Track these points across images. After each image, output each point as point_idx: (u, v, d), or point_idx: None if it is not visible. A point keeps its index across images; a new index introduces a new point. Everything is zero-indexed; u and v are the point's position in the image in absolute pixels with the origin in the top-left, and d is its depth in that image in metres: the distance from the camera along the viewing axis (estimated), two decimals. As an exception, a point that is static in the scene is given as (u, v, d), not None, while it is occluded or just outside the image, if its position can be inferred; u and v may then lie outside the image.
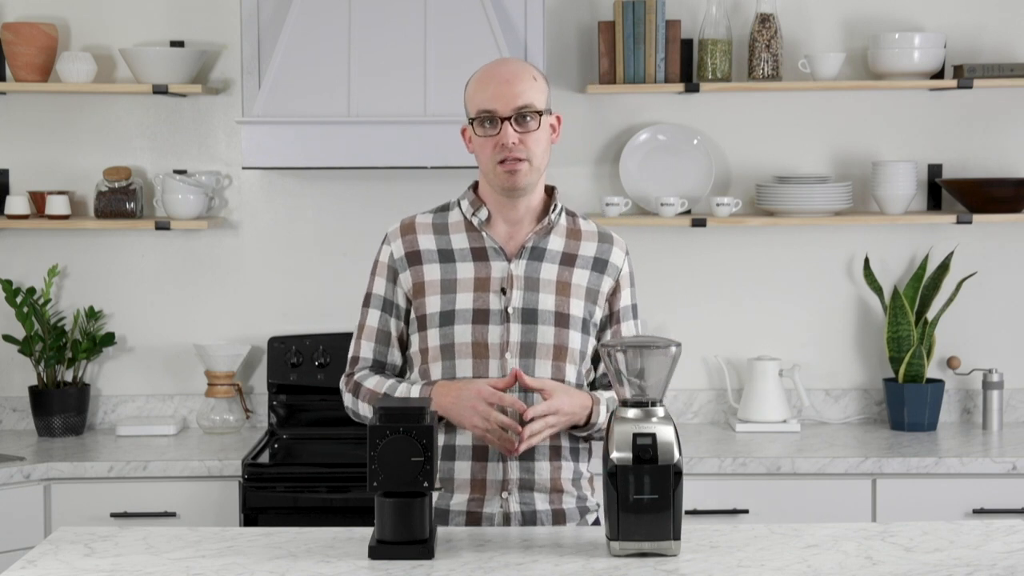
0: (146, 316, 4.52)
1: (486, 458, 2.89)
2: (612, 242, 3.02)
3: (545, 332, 2.90)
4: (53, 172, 4.49)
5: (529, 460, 2.90)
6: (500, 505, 2.89)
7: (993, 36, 4.48)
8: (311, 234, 4.52)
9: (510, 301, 2.91)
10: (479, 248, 2.95)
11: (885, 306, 4.40)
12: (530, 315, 2.90)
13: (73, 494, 3.95)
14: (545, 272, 2.94)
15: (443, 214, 3.01)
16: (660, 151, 4.46)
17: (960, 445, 4.13)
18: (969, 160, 4.51)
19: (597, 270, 2.98)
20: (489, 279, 2.92)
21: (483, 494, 2.89)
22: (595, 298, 2.97)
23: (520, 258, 2.94)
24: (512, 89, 2.87)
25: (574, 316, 2.93)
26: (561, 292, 2.93)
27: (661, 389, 2.63)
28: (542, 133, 2.90)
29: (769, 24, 4.33)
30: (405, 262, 2.96)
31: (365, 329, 3.00)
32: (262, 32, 4.23)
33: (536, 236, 2.96)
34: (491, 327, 2.90)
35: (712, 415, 4.53)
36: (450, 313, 2.90)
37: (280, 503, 3.92)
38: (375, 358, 2.99)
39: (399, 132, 4.05)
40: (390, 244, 3.00)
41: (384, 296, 2.99)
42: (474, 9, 4.10)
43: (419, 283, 2.94)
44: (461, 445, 2.90)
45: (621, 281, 3.01)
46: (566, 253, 2.97)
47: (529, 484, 2.90)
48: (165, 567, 2.54)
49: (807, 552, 2.62)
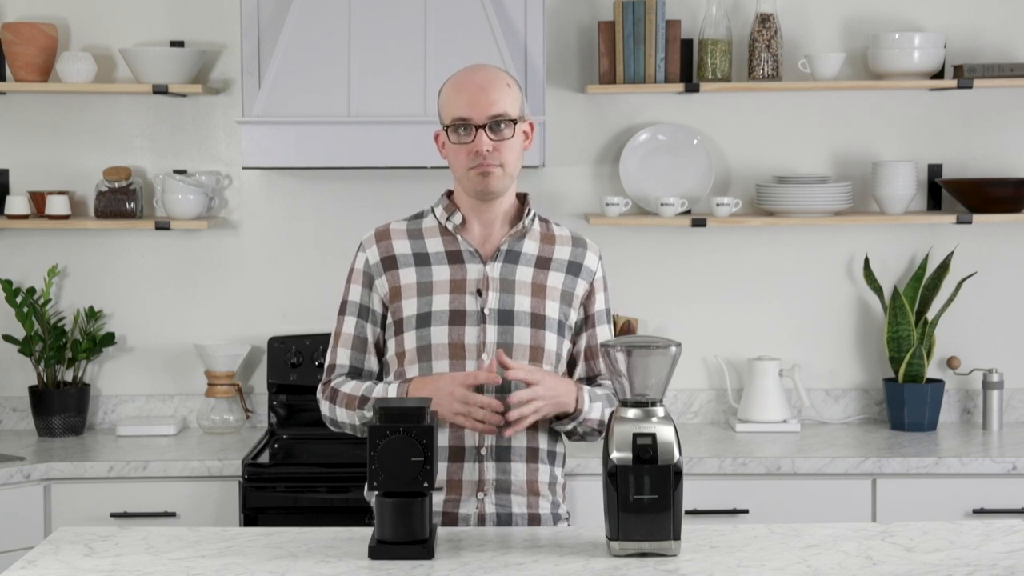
0: (146, 316, 4.52)
1: (462, 459, 2.90)
2: (586, 247, 3.04)
3: (521, 333, 2.91)
4: (53, 172, 4.49)
5: (506, 461, 2.91)
6: (476, 506, 2.90)
7: (993, 36, 4.48)
8: (311, 234, 4.52)
9: (486, 302, 2.92)
10: (454, 251, 2.96)
11: (885, 306, 4.40)
12: (506, 316, 2.91)
13: (73, 494, 3.95)
14: (520, 274, 2.95)
15: (418, 220, 3.03)
16: (660, 151, 4.46)
17: (960, 445, 4.13)
18: (969, 160, 4.51)
19: (572, 273, 2.99)
20: (465, 281, 2.93)
21: (459, 495, 2.90)
22: (570, 300, 2.98)
23: (495, 260, 2.95)
24: (487, 97, 2.88)
25: (549, 318, 2.94)
26: (536, 294, 2.94)
27: (661, 389, 2.63)
28: (515, 140, 2.92)
29: (769, 24, 4.33)
30: (381, 267, 2.97)
31: (342, 336, 3.00)
32: (262, 32, 4.23)
33: (511, 239, 2.97)
34: (467, 328, 2.90)
35: (712, 415, 4.53)
36: (426, 315, 2.91)
37: (280, 503, 3.92)
38: (352, 364, 3.00)
39: (399, 132, 4.05)
40: (365, 251, 3.00)
41: (360, 303, 2.99)
42: (474, 9, 4.10)
43: (395, 287, 2.95)
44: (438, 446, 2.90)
45: (595, 285, 3.03)
46: (541, 256, 2.98)
47: (506, 486, 2.91)
48: (165, 567, 2.54)
49: (807, 552, 2.62)
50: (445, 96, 2.93)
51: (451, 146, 2.91)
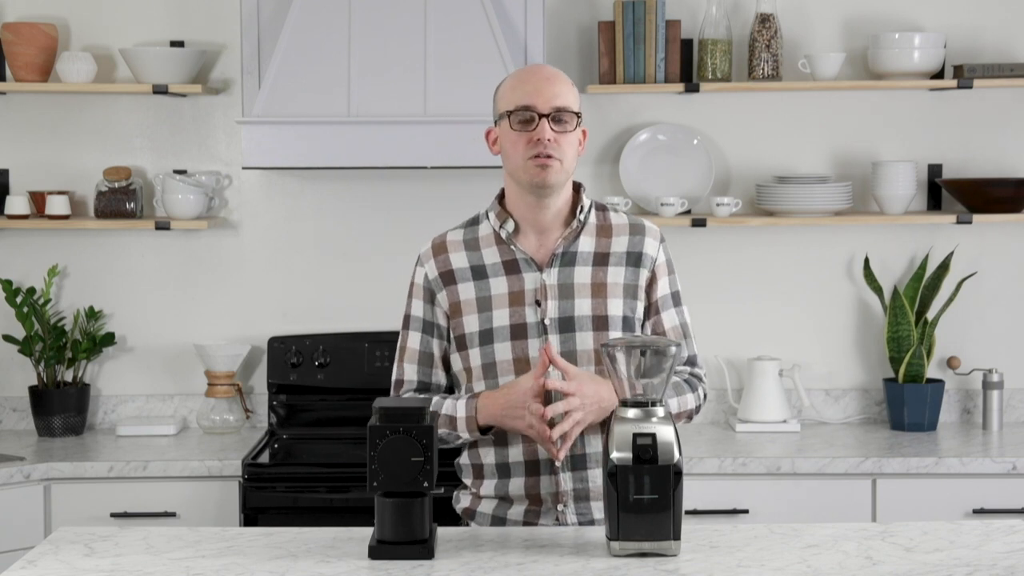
0: (146, 316, 4.52)
1: (538, 472, 2.88)
2: (644, 232, 2.98)
3: (584, 338, 2.88)
4: (53, 172, 4.49)
5: (582, 469, 2.89)
6: (556, 517, 2.89)
7: (993, 36, 4.48)
8: (311, 234, 4.52)
9: (546, 312, 2.89)
10: (510, 261, 2.93)
11: (885, 306, 4.40)
12: (567, 323, 2.88)
13: (73, 494, 3.95)
14: (579, 276, 2.91)
15: (473, 228, 2.99)
16: (660, 151, 4.46)
17: (960, 445, 4.13)
18: (969, 160, 4.51)
19: (632, 264, 2.94)
20: (523, 292, 2.90)
21: (539, 506, 2.89)
22: (634, 293, 2.94)
23: (551, 266, 2.91)
24: (552, 88, 2.85)
25: (613, 316, 2.90)
26: (597, 294, 2.90)
27: (661, 389, 2.63)
28: (575, 136, 2.88)
29: (769, 24, 4.33)
30: (440, 282, 2.95)
31: (407, 351, 2.98)
32: (262, 32, 4.23)
33: (565, 241, 2.92)
34: (530, 341, 2.88)
35: (712, 415, 4.53)
36: (488, 332, 2.89)
37: (280, 503, 3.92)
38: (419, 379, 2.98)
39: (399, 132, 4.05)
40: (423, 265, 2.98)
41: (423, 318, 2.97)
42: (474, 9, 4.10)
43: (455, 303, 2.93)
44: (514, 462, 2.89)
45: (657, 271, 2.96)
46: (598, 253, 2.94)
47: (584, 494, 2.89)
48: (165, 567, 2.55)
49: (807, 552, 2.62)
50: (506, 88, 2.89)
51: (511, 134, 2.85)
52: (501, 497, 2.92)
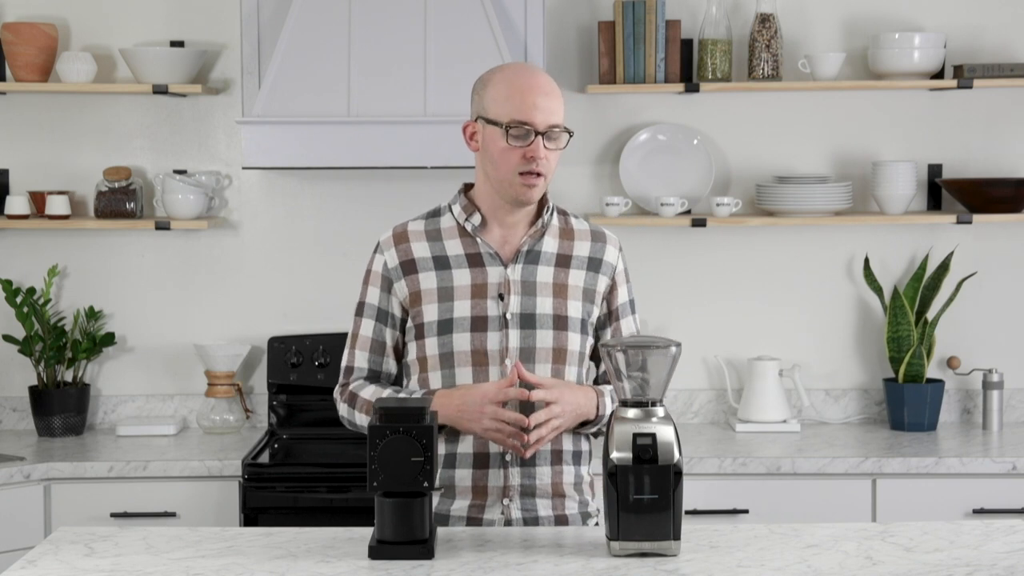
0: (146, 316, 4.52)
1: (487, 465, 2.89)
2: (605, 240, 3.02)
3: (544, 336, 2.90)
4: (53, 172, 4.49)
5: (530, 465, 2.90)
6: (501, 512, 2.89)
7: (993, 36, 4.48)
8: (311, 234, 4.52)
9: (508, 307, 2.90)
10: (474, 254, 2.94)
11: (885, 306, 4.40)
12: (528, 320, 2.90)
13: (73, 494, 3.95)
14: (541, 275, 2.93)
15: (435, 220, 2.99)
16: (660, 151, 4.46)
17: (960, 445, 4.13)
18: (969, 160, 4.51)
19: (592, 270, 2.98)
20: (486, 285, 2.91)
21: (484, 500, 2.89)
22: (592, 298, 2.97)
23: (516, 262, 2.93)
24: (550, 104, 2.86)
25: (572, 318, 2.93)
26: (558, 294, 2.93)
27: (661, 389, 2.63)
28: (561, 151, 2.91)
29: (769, 24, 4.33)
30: (400, 271, 2.94)
31: (359, 339, 2.98)
32: (262, 32, 4.23)
33: (531, 239, 2.95)
34: (490, 334, 2.89)
35: (712, 415, 4.53)
36: (448, 322, 2.90)
37: (280, 503, 3.92)
38: (370, 367, 2.98)
39: (399, 132, 4.05)
40: (383, 253, 2.98)
41: (378, 306, 2.97)
42: (474, 9, 4.10)
43: (415, 292, 2.93)
44: (462, 453, 2.89)
45: (617, 279, 3.01)
46: (560, 254, 2.97)
47: (531, 490, 2.90)
48: (165, 567, 2.55)
49: (807, 552, 2.62)
50: (499, 92, 2.87)
51: (502, 147, 2.85)
52: (444, 489, 2.91)
